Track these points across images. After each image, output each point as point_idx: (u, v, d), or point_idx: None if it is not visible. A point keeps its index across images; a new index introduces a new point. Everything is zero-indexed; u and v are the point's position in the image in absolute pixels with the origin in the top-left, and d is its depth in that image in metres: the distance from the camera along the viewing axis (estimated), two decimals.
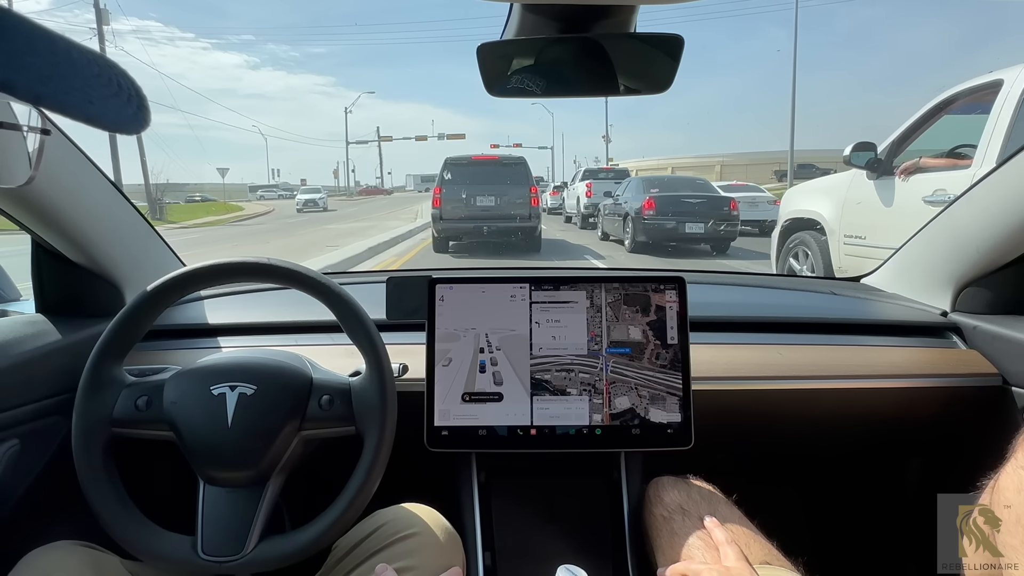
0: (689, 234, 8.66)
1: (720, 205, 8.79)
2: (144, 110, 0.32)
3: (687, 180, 11.33)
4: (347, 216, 22.37)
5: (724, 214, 8.65)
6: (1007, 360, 0.98)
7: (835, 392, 1.00)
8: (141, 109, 0.32)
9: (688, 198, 8.84)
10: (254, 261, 0.77)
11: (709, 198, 8.96)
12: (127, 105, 0.31)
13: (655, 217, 8.64)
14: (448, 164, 9.23)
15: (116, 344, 0.76)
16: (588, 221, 13.13)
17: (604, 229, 10.97)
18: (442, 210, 8.91)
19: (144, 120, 0.32)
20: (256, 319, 1.12)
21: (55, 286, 1.02)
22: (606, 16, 0.64)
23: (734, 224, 8.76)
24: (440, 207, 8.90)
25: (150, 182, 21.63)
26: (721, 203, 8.84)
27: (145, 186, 21.53)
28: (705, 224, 8.53)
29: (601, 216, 11.19)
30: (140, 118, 0.32)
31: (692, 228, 8.58)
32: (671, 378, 0.89)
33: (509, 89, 0.75)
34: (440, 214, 8.93)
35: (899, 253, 1.28)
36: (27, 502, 0.87)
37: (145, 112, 0.32)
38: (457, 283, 0.91)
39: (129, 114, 0.32)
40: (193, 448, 0.73)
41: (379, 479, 0.75)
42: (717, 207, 8.72)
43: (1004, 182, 0.96)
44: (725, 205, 8.78)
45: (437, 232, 9.16)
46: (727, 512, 0.82)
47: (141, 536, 0.71)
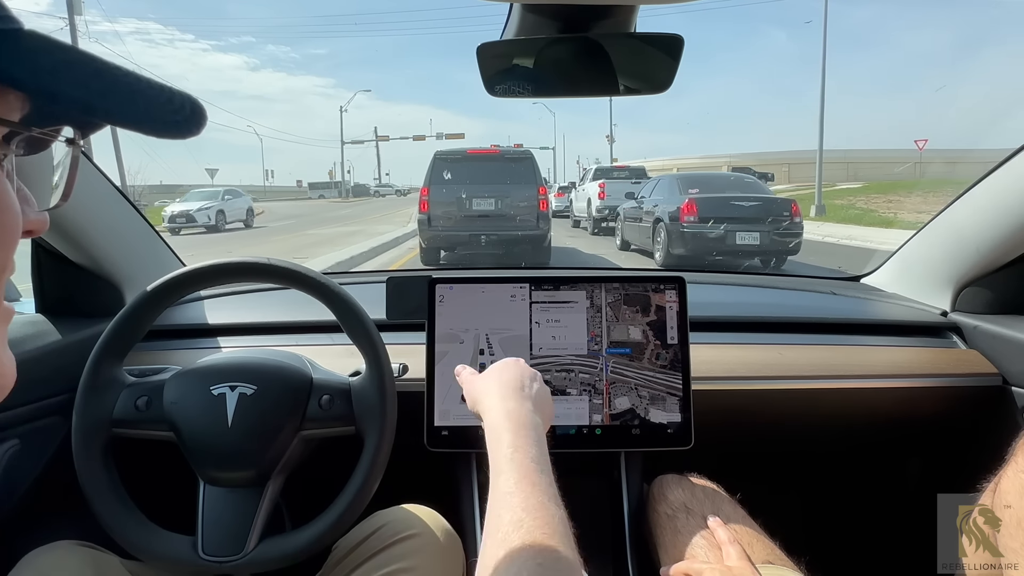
0: (741, 246, 6.69)
1: (779, 209, 6.89)
2: (198, 112, 0.31)
3: (733, 178, 9.11)
4: (335, 219, 19.16)
5: (784, 221, 6.78)
6: (1007, 360, 0.98)
7: (835, 392, 1.00)
8: (195, 112, 0.31)
9: (738, 201, 6.95)
10: (254, 261, 0.77)
11: (764, 200, 7.11)
12: (180, 110, 0.30)
13: (697, 224, 6.82)
14: (438, 160, 7.38)
15: (116, 344, 0.76)
16: (601, 226, 11.35)
17: (625, 237, 9.05)
18: (430, 215, 7.12)
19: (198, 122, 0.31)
20: (256, 319, 1.12)
21: (55, 286, 1.02)
22: (606, 16, 0.64)
23: (797, 233, 6.82)
24: (428, 211, 7.12)
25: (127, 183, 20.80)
26: (780, 207, 6.96)
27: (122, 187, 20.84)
28: (761, 233, 6.65)
29: (621, 221, 9.26)
30: (195, 120, 0.31)
31: (745, 239, 6.65)
32: (671, 378, 0.89)
33: (509, 89, 0.75)
34: (428, 220, 7.13)
35: (899, 253, 1.28)
36: (27, 502, 0.87)
37: (199, 115, 0.31)
38: (457, 283, 0.92)
39: (183, 118, 0.30)
40: (193, 448, 0.73)
41: (379, 479, 0.75)
42: (775, 212, 6.84)
43: (1004, 182, 0.96)
44: (785, 209, 6.88)
45: (424, 242, 7.33)
46: (730, 511, 0.82)
47: (141, 536, 0.71)
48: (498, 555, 0.43)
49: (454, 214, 7.15)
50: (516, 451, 0.52)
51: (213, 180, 30.24)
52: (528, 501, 0.47)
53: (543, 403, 0.62)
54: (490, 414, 0.58)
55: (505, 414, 0.56)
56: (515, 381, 0.62)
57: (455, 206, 7.14)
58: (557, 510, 0.47)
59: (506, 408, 0.57)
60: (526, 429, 0.55)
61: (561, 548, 0.43)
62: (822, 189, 15.53)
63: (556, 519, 0.46)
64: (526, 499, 0.47)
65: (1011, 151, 0.93)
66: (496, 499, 0.48)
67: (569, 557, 0.43)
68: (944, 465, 1.11)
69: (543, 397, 0.63)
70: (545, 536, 0.44)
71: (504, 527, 0.45)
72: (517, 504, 0.46)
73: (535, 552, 0.42)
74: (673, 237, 7.05)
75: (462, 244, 7.34)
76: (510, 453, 0.51)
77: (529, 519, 0.45)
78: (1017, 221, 0.95)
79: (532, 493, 0.47)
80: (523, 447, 0.52)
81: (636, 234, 8.55)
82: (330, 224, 16.70)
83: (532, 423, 0.56)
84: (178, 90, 0.30)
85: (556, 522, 0.45)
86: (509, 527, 0.45)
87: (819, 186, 15.36)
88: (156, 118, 0.30)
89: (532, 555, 0.42)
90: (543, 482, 0.49)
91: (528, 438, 0.54)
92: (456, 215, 7.16)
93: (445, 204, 7.14)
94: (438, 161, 7.36)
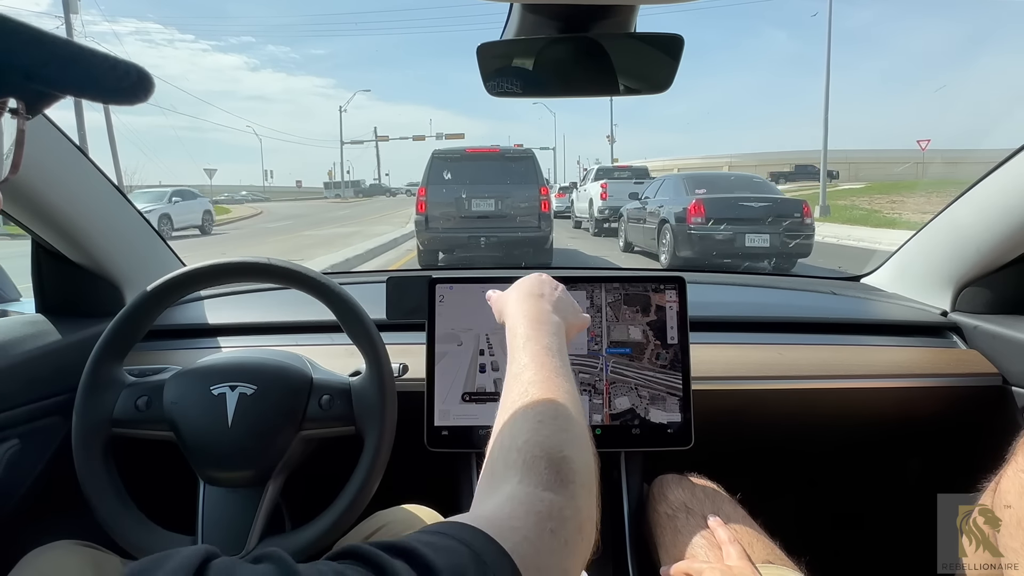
0: (751, 248, 6.43)
1: (790, 211, 6.66)
2: (145, 79, 0.31)
3: (742, 178, 8.77)
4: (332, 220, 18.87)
5: (795, 223, 6.52)
6: (1007, 360, 0.98)
7: (835, 392, 1.00)
8: (141, 79, 0.31)
9: (747, 201, 6.71)
10: (254, 261, 0.77)
11: (775, 201, 6.87)
12: (126, 76, 0.31)
13: (704, 226, 6.59)
14: (436, 159, 7.05)
15: (116, 344, 0.76)
16: (603, 227, 11.18)
17: (628, 238, 8.83)
18: (428, 216, 6.80)
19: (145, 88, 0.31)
20: (256, 319, 1.12)
21: (55, 286, 1.02)
22: (606, 16, 0.64)
23: (808, 236, 6.58)
24: (425, 212, 6.80)
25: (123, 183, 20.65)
26: (791, 208, 6.72)
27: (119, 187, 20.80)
28: (771, 236, 6.41)
29: (624, 222, 9.04)
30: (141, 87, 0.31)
31: (755, 241, 6.41)
32: (671, 378, 0.89)
33: (509, 89, 0.75)
34: (425, 221, 6.82)
35: (899, 253, 1.28)
36: (27, 502, 0.87)
37: (146, 81, 0.31)
38: (457, 283, 0.91)
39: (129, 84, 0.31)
40: (193, 448, 0.73)
41: (379, 479, 0.75)
42: (786, 213, 6.59)
43: (1004, 182, 0.96)
44: (796, 211, 6.63)
45: (422, 244, 7.04)
46: (730, 511, 0.82)
47: (141, 536, 0.71)
48: (502, 420, 0.45)
49: (453, 215, 6.86)
50: (529, 340, 0.53)
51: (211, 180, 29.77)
52: (537, 375, 0.48)
53: (564, 306, 0.63)
54: (509, 317, 0.60)
55: (522, 313, 0.59)
56: (534, 288, 0.64)
57: (454, 207, 6.86)
58: (564, 383, 0.48)
59: (523, 308, 0.60)
60: (541, 323, 0.56)
61: (560, 402, 0.45)
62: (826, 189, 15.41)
63: (562, 389, 0.47)
64: (535, 374, 0.48)
65: (1011, 151, 0.93)
66: (508, 380, 0.50)
67: (568, 411, 0.44)
68: (944, 465, 1.11)
69: (564, 301, 0.64)
70: (547, 397, 0.45)
71: (511, 399, 0.47)
72: (526, 379, 0.48)
73: (536, 411, 0.44)
74: (679, 239, 6.80)
75: (461, 246, 7.02)
76: (522, 343, 0.53)
77: (535, 389, 0.46)
78: (1017, 221, 0.94)
79: (540, 370, 0.49)
80: (536, 337, 0.54)
81: (640, 236, 8.31)
82: (327, 225, 16.37)
83: (549, 320, 0.58)
84: (123, 59, 0.31)
85: (561, 391, 0.47)
86: (516, 397, 0.46)
87: (823, 186, 15.16)
88: (101, 85, 0.31)
89: (533, 414, 0.44)
90: (554, 363, 0.50)
91: (542, 330, 0.55)
92: (455, 216, 6.87)
93: (443, 205, 6.86)
94: (436, 160, 7.04)
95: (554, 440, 0.41)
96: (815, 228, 6.78)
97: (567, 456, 0.41)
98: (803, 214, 6.62)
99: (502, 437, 0.44)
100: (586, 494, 0.40)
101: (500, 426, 0.45)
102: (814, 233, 6.72)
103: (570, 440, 0.42)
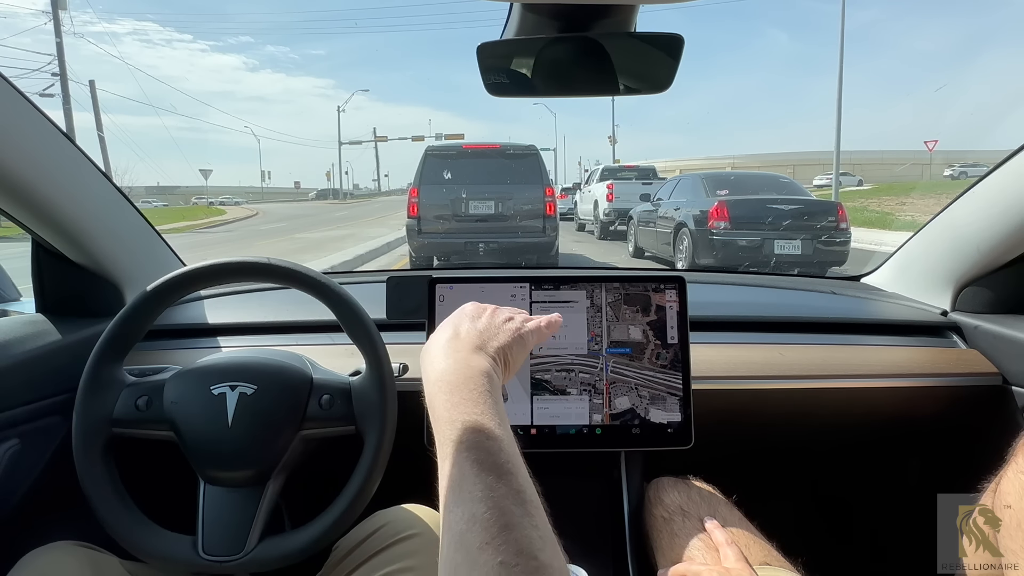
0: (782, 255, 5.71)
1: (824, 213, 6.00)
2: None
3: (768, 178, 7.84)
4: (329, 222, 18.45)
5: (829, 227, 5.85)
6: (1007, 360, 0.98)
7: (835, 392, 1.00)
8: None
9: (776, 204, 6.04)
10: (254, 261, 0.77)
11: (805, 203, 6.25)
12: None
13: (729, 231, 5.89)
14: (430, 156, 6.33)
15: (116, 344, 0.76)
16: (609, 230, 10.46)
17: (639, 243, 8.10)
18: (420, 219, 6.12)
19: None
20: (256, 319, 1.12)
21: (55, 286, 1.02)
22: (606, 16, 0.64)
23: (844, 242, 5.90)
24: (418, 215, 6.11)
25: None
26: (825, 211, 6.08)
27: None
28: (803, 242, 5.71)
29: (634, 226, 8.32)
30: None
31: (785, 248, 5.70)
32: (671, 378, 0.89)
33: (509, 89, 0.75)
34: (418, 225, 6.13)
35: (899, 252, 1.28)
36: (27, 502, 0.87)
37: None
38: (457, 283, 0.92)
39: None
40: (193, 448, 0.73)
41: (379, 479, 0.75)
42: (819, 216, 5.94)
43: (1004, 182, 0.96)
44: (831, 213, 5.97)
45: (414, 251, 6.37)
46: (727, 513, 0.82)
47: (141, 536, 0.71)
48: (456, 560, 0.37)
49: (448, 218, 6.16)
50: (453, 424, 0.43)
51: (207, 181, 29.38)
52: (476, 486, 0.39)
53: (493, 332, 0.51)
54: (427, 384, 0.49)
55: (436, 380, 0.47)
56: (448, 331, 0.52)
57: (449, 209, 6.15)
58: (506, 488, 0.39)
59: (436, 372, 0.48)
60: (462, 386, 0.45)
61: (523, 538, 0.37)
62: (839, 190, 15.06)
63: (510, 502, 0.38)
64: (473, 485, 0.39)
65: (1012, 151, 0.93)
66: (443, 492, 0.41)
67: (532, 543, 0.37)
68: (944, 465, 1.11)
69: (494, 325, 0.53)
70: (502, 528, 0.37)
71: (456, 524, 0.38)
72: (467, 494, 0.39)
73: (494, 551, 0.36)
74: (699, 245, 6.10)
75: (457, 253, 6.29)
76: (447, 429, 0.43)
77: (483, 508, 0.38)
78: (1017, 221, 0.94)
79: (480, 474, 0.40)
80: (462, 407, 0.44)
81: (652, 240, 7.59)
82: (323, 227, 16.03)
83: (471, 374, 0.47)
84: None
85: (513, 506, 0.38)
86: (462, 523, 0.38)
87: (836, 189, 14.82)
88: None
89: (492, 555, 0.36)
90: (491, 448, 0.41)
91: (467, 397, 0.45)
92: (450, 219, 6.16)
93: (438, 207, 6.15)
94: (430, 158, 6.32)
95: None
96: (851, 233, 6.07)
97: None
98: (838, 217, 5.92)
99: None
100: None
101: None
102: (850, 239, 6.01)
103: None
